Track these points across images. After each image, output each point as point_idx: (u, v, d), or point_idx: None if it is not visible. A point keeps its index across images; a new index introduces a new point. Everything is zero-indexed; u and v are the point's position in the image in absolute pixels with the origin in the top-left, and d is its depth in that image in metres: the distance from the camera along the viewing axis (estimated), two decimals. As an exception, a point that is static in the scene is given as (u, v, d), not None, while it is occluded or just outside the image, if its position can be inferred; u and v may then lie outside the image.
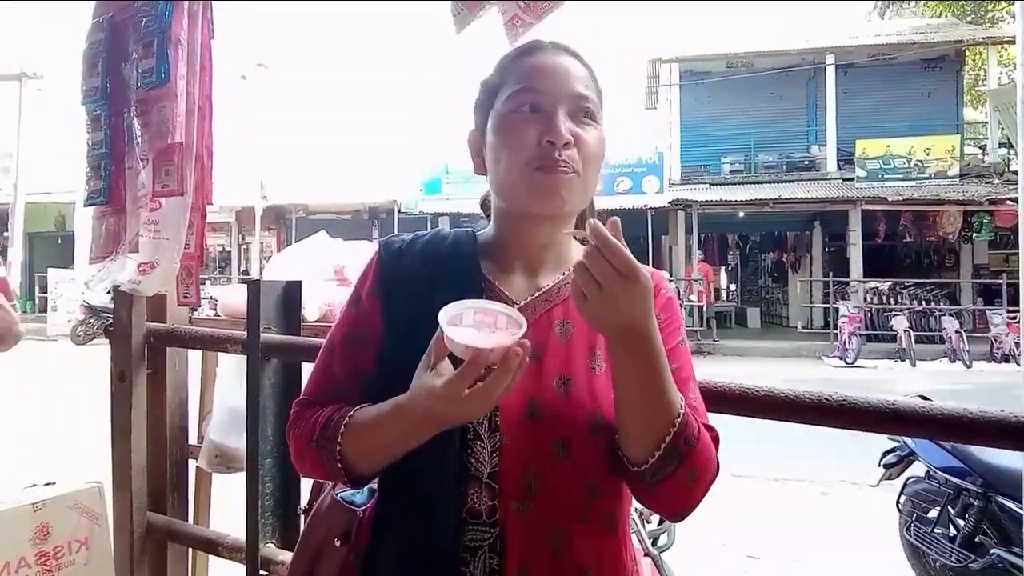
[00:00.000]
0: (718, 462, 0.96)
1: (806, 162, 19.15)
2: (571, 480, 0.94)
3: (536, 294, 1.03)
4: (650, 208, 17.07)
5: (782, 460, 5.74)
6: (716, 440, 0.97)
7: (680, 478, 0.91)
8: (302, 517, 1.26)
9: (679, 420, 0.89)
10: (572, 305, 0.92)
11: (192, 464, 2.45)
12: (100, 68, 2.04)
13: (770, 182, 18.43)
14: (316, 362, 1.08)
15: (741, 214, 18.33)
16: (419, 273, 1.03)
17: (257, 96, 18.21)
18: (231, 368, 2.40)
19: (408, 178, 18.95)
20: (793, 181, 18.32)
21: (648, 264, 1.03)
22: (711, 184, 18.76)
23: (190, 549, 2.39)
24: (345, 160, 18.73)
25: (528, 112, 0.99)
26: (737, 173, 19.22)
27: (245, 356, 1.94)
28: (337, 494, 1.13)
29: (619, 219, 0.84)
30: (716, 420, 1.06)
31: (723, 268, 20.84)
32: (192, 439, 2.49)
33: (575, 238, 1.01)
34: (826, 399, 1.23)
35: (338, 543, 1.08)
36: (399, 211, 19.09)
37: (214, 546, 2.15)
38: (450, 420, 0.86)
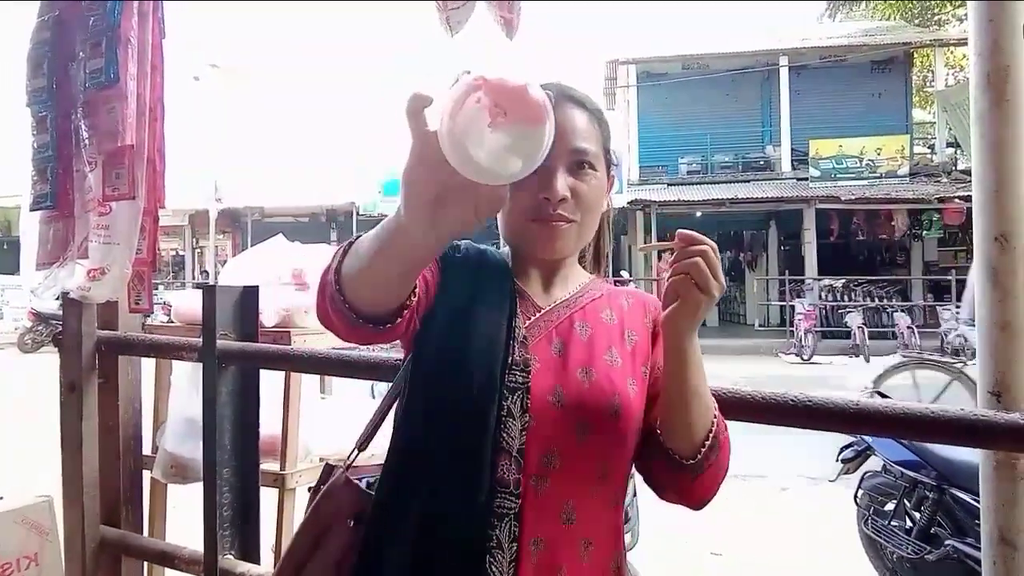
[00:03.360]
0: None
1: (761, 162, 19.45)
2: (587, 460, 1.04)
3: (557, 302, 1.14)
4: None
5: (741, 456, 5.78)
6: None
7: (716, 468, 1.06)
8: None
9: (717, 413, 1.07)
10: (588, 312, 1.13)
11: (147, 475, 2.38)
12: (45, 68, 1.98)
13: (726, 182, 18.67)
14: None
15: (698, 214, 18.53)
16: (471, 264, 1.15)
17: (211, 97, 17.91)
18: (186, 376, 2.35)
19: (366, 179, 18.77)
20: (749, 181, 18.59)
21: (608, 265, 1.11)
22: (669, 184, 18.94)
23: (145, 563, 2.33)
24: (302, 162, 18.50)
25: None
26: (694, 173, 19.44)
27: (201, 363, 1.89)
28: (354, 477, 1.17)
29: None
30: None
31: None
32: (147, 449, 2.42)
33: (640, 251, 1.11)
34: (791, 400, 1.24)
35: (351, 523, 1.11)
36: (358, 213, 18.90)
37: (170, 559, 2.10)
38: (414, 156, 0.76)
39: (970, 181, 1.53)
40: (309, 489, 1.21)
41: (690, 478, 1.05)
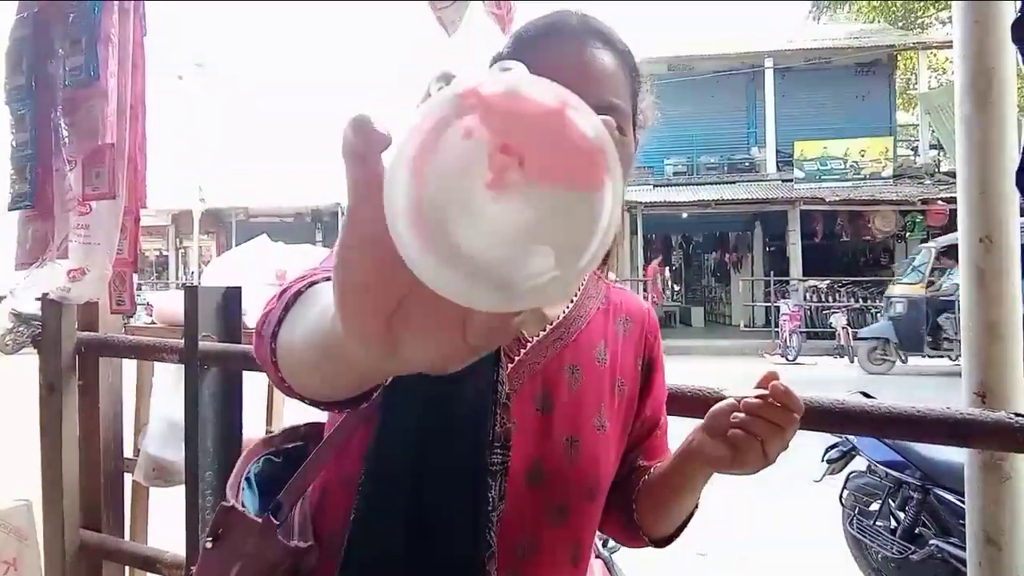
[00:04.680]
0: None
1: (746, 163, 19.56)
2: (561, 547, 0.90)
3: (547, 329, 0.92)
4: (595, 209, 17.14)
5: (728, 457, 5.81)
6: None
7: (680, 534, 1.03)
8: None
9: (699, 501, 1.00)
10: (580, 348, 0.93)
11: (128, 478, 2.36)
12: (24, 66, 1.95)
13: (712, 183, 18.76)
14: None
15: (684, 215, 18.60)
16: None
17: (195, 96, 17.80)
18: (168, 378, 2.32)
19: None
20: (734, 182, 18.70)
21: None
22: (655, 185, 18.99)
23: (127, 568, 2.31)
24: (287, 162, 18.42)
25: None
26: (680, 174, 19.52)
27: (183, 365, 1.87)
28: (277, 522, 0.87)
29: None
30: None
31: (667, 268, 21.12)
32: (128, 452, 2.40)
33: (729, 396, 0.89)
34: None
35: None
36: (343, 213, 18.80)
37: (152, 563, 2.07)
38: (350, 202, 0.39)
39: (953, 183, 1.54)
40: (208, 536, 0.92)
41: (646, 545, 1.04)
